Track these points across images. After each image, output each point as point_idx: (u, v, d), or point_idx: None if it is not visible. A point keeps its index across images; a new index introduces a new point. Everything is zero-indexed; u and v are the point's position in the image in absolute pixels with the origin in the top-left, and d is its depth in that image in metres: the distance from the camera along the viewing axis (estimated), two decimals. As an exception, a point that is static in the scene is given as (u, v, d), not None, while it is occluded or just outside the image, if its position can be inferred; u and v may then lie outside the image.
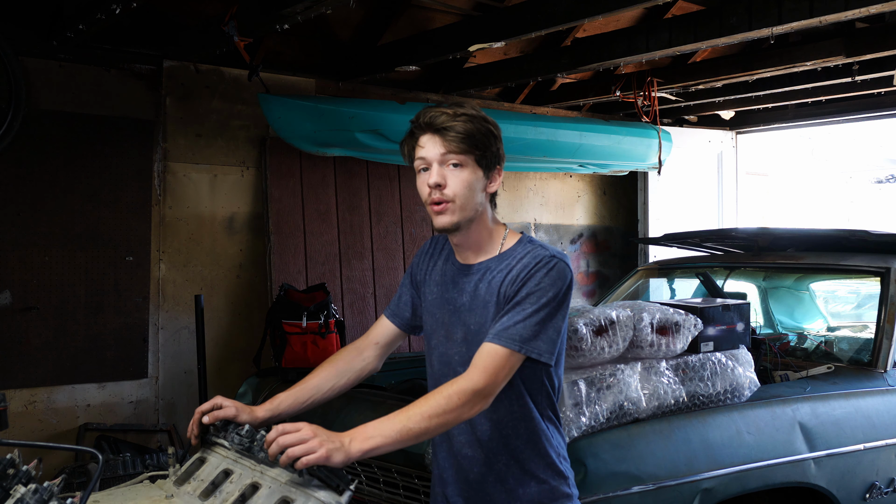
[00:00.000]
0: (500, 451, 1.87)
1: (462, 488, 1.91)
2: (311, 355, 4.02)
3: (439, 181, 1.82)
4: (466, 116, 1.82)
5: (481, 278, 1.90)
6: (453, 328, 1.92)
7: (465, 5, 5.18)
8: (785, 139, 11.72)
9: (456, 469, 1.92)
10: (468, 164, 1.83)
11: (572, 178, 6.98)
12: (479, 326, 1.87)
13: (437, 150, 1.82)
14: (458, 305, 1.92)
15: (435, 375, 1.98)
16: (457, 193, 1.82)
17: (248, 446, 1.72)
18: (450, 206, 1.83)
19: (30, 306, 4.30)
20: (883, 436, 3.01)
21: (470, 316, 1.89)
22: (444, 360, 1.95)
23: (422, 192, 1.87)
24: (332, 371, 2.02)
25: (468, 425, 1.88)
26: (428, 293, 2.01)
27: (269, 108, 4.71)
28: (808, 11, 3.85)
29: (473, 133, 1.82)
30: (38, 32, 4.29)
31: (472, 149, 1.82)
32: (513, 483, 1.87)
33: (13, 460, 1.51)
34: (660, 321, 2.73)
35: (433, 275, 2.02)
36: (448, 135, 1.81)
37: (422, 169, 1.86)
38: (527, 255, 1.85)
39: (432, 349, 1.99)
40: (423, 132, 1.84)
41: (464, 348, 1.90)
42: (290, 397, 1.96)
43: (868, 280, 3.81)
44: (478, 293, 1.89)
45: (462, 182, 1.82)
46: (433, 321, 1.98)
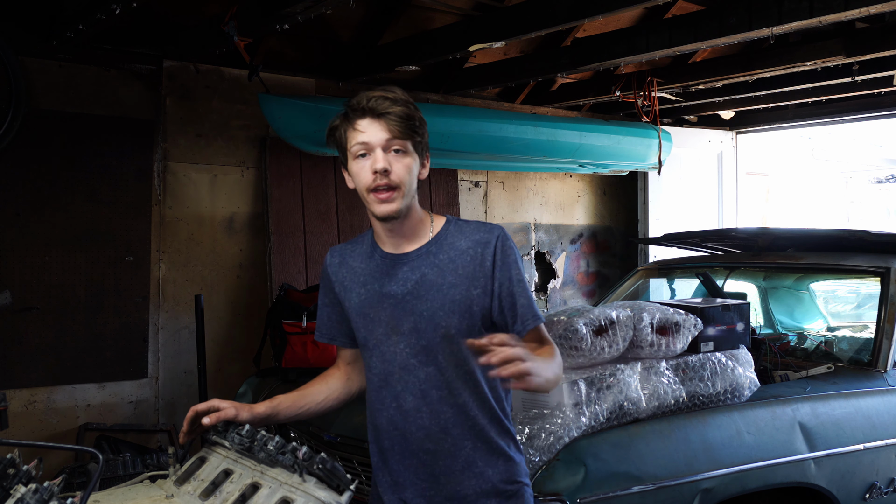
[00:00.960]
0: (466, 435, 1.85)
1: (424, 487, 1.86)
2: (311, 355, 4.02)
3: (386, 166, 1.78)
4: (404, 102, 1.80)
5: (424, 263, 1.87)
6: (398, 321, 1.86)
7: (465, 5, 5.18)
8: (785, 139, 11.71)
9: (415, 469, 1.87)
10: (408, 149, 1.81)
11: (572, 178, 6.98)
12: (432, 311, 1.83)
13: (381, 134, 1.78)
14: (402, 296, 1.86)
15: (378, 377, 1.90)
16: (402, 179, 1.80)
17: (248, 446, 1.72)
18: (394, 194, 1.80)
19: (30, 306, 4.30)
20: (883, 436, 3.01)
21: (419, 303, 1.84)
22: (386, 357, 1.88)
23: (362, 178, 1.81)
24: (324, 386, 2.05)
25: (429, 419, 1.84)
26: (353, 298, 1.93)
27: (269, 108, 4.71)
28: (808, 11, 3.85)
29: (413, 118, 1.80)
30: (38, 32, 4.29)
31: (413, 134, 1.81)
32: (482, 465, 1.85)
33: (13, 460, 1.51)
34: (660, 321, 2.73)
35: (353, 278, 1.95)
36: (391, 119, 1.77)
37: (360, 154, 1.81)
38: (476, 232, 1.88)
39: (371, 351, 1.91)
40: (362, 116, 1.79)
41: (413, 338, 1.84)
42: (289, 400, 1.98)
43: (868, 280, 3.81)
44: (426, 278, 1.85)
45: (405, 167, 1.80)
46: (367, 322, 1.90)
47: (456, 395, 1.84)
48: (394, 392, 1.88)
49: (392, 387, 1.88)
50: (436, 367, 1.84)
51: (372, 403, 1.94)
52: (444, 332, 1.83)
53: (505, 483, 1.87)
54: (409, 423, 1.86)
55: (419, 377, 1.85)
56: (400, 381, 1.87)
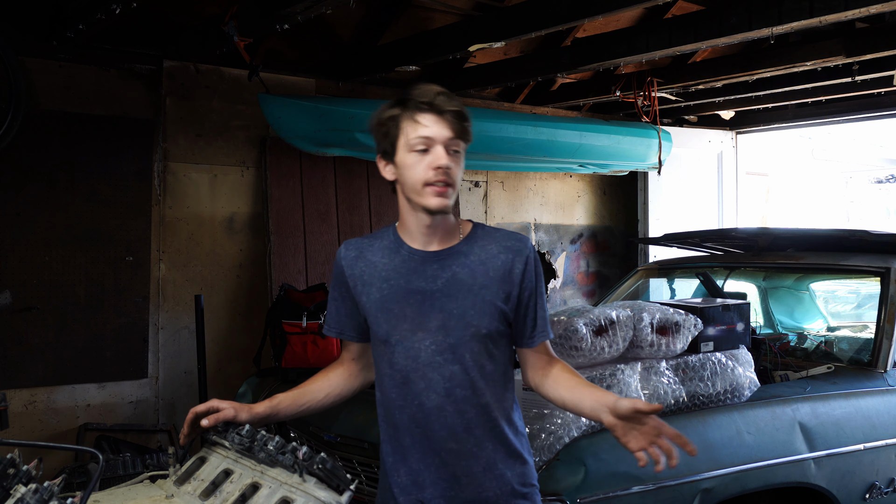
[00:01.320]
0: (488, 436, 1.86)
1: (445, 487, 1.86)
2: (311, 355, 4.02)
3: (450, 164, 1.80)
4: (460, 102, 1.84)
5: (455, 262, 1.88)
6: (425, 318, 1.85)
7: (465, 5, 5.18)
8: (785, 139, 11.71)
9: (437, 469, 1.86)
10: (461, 150, 1.84)
11: (572, 178, 6.98)
12: (463, 310, 1.84)
13: (444, 132, 1.79)
14: (432, 292, 1.86)
15: (400, 373, 1.87)
16: (456, 178, 1.83)
17: (248, 446, 1.72)
18: (449, 190, 1.82)
19: (30, 306, 4.30)
20: (883, 436, 3.01)
21: (448, 301, 1.85)
22: (410, 354, 1.86)
23: (418, 171, 1.80)
24: (325, 382, 2.03)
25: (452, 418, 1.84)
26: (374, 292, 1.91)
27: (269, 108, 4.71)
28: (808, 11, 3.84)
29: (468, 120, 1.84)
30: (38, 33, 4.29)
31: (467, 136, 1.84)
32: (502, 467, 1.86)
33: (13, 460, 1.51)
34: (660, 321, 2.73)
35: (373, 273, 1.92)
36: (453, 120, 1.80)
37: (421, 149, 1.80)
38: (507, 239, 1.91)
39: (393, 347, 1.88)
40: (426, 111, 1.80)
41: (440, 336, 1.84)
42: (289, 398, 1.97)
43: (868, 280, 3.81)
44: (457, 277, 1.86)
45: (459, 168, 1.84)
46: (390, 317, 1.88)
47: (479, 396, 1.85)
48: (417, 389, 1.86)
49: (415, 384, 1.86)
50: (461, 365, 1.84)
51: (391, 401, 1.91)
52: (475, 331, 1.84)
53: (522, 485, 1.89)
54: (431, 421, 1.85)
55: (444, 375, 1.84)
56: (424, 379, 1.85)
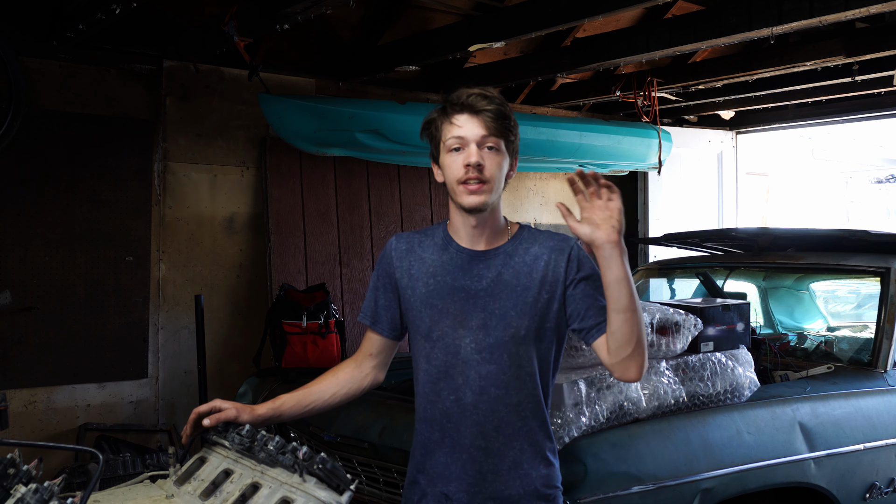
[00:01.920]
0: (517, 436, 1.88)
1: (469, 483, 1.88)
2: (311, 355, 4.02)
3: (480, 161, 1.83)
4: (500, 101, 1.86)
5: (502, 263, 1.91)
6: (467, 315, 1.89)
7: (465, 5, 5.18)
8: (785, 139, 11.72)
9: (463, 464, 1.88)
10: (500, 147, 1.86)
11: (572, 178, 6.97)
12: (505, 310, 1.88)
13: (477, 130, 1.84)
14: (476, 291, 1.90)
15: (438, 369, 1.91)
16: (492, 175, 1.85)
17: (248, 446, 1.72)
18: (483, 188, 1.85)
19: (30, 306, 4.30)
20: (883, 436, 3.01)
21: (492, 301, 1.89)
22: (450, 350, 1.90)
23: (453, 170, 1.86)
24: (333, 381, 2.03)
25: (485, 415, 1.87)
26: (420, 287, 1.95)
27: (269, 108, 4.71)
28: (808, 11, 3.85)
29: (507, 118, 1.86)
30: (38, 32, 4.29)
31: (507, 133, 1.86)
32: (527, 467, 1.89)
33: (13, 460, 1.51)
34: (660, 321, 2.73)
35: (421, 267, 1.96)
36: (487, 117, 1.83)
37: (455, 148, 1.86)
38: (550, 240, 1.95)
39: (434, 341, 1.91)
40: (459, 112, 1.86)
41: (481, 334, 1.88)
42: (293, 399, 1.98)
43: (868, 280, 3.81)
44: (501, 278, 1.90)
45: (497, 165, 1.86)
46: (433, 312, 1.92)
47: (512, 395, 1.87)
48: (453, 385, 1.89)
49: (452, 379, 1.90)
50: (498, 365, 1.87)
51: (426, 395, 1.95)
52: (514, 332, 1.87)
53: (545, 487, 1.91)
54: (465, 417, 1.88)
55: (480, 373, 1.87)
56: (461, 375, 1.89)
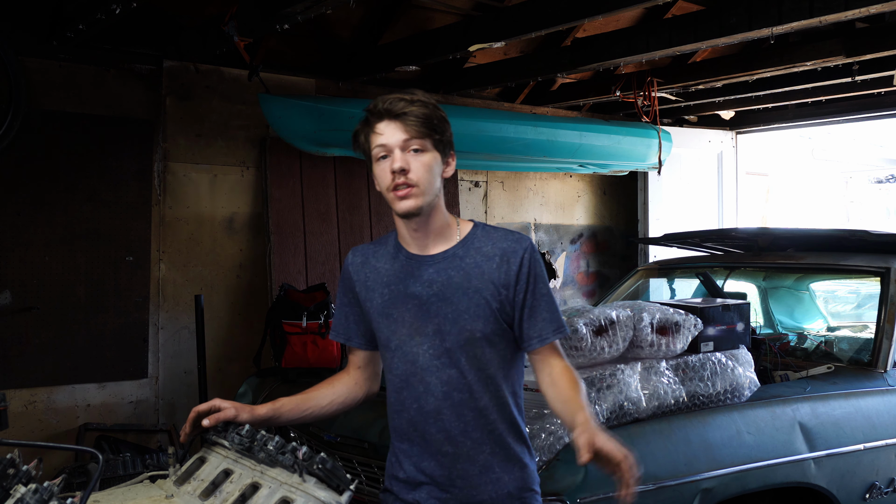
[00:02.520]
0: (485, 440, 1.86)
1: (439, 488, 1.87)
2: (311, 355, 4.02)
3: (403, 166, 1.80)
4: (422, 102, 1.83)
5: (450, 266, 1.87)
6: (422, 322, 1.86)
7: (465, 5, 5.18)
8: (785, 139, 11.71)
9: (432, 470, 1.87)
10: (428, 147, 1.83)
11: (572, 178, 6.98)
12: (457, 314, 1.84)
13: (398, 135, 1.81)
14: (428, 297, 1.86)
15: (400, 378, 1.90)
16: (420, 178, 1.81)
17: (248, 446, 1.72)
18: (413, 191, 1.81)
19: (30, 306, 4.30)
20: (883, 436, 3.01)
21: (444, 305, 1.85)
22: (408, 358, 1.88)
23: (382, 179, 1.84)
24: (329, 390, 2.04)
25: (449, 421, 1.85)
26: (376, 298, 1.93)
27: (269, 108, 4.71)
28: (808, 11, 3.84)
29: (431, 117, 1.82)
30: (38, 32, 4.29)
31: (432, 132, 1.82)
32: (499, 471, 1.86)
33: (13, 460, 1.51)
34: (660, 321, 2.73)
35: (376, 278, 1.94)
36: (408, 119, 1.80)
37: (381, 157, 1.83)
38: (504, 240, 1.88)
39: (393, 352, 1.91)
40: (380, 119, 1.83)
41: (437, 340, 1.85)
42: (292, 403, 1.97)
43: (868, 280, 3.81)
44: (451, 281, 1.86)
45: (424, 166, 1.82)
46: (390, 322, 1.91)
47: (476, 399, 1.85)
48: (415, 393, 1.88)
49: (414, 388, 1.88)
50: (458, 369, 1.84)
51: (392, 405, 1.94)
52: (469, 335, 1.83)
53: (519, 490, 1.88)
54: (429, 424, 1.87)
55: (441, 379, 1.85)
56: (422, 383, 1.87)
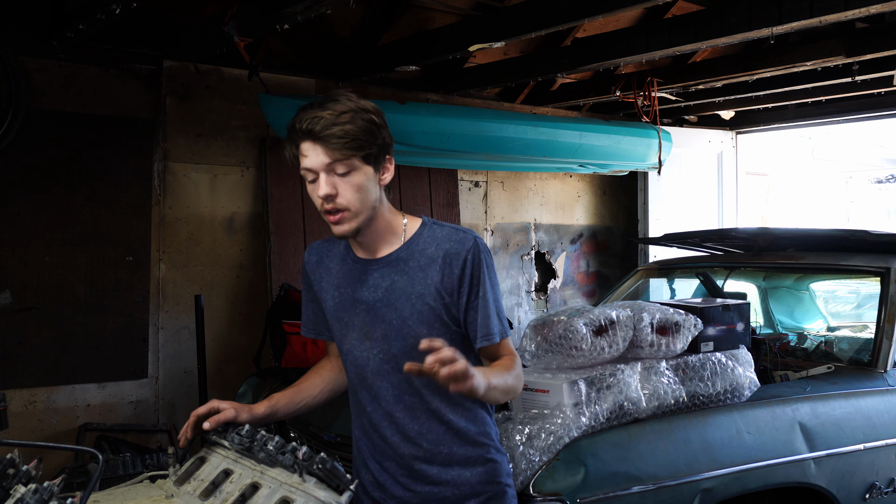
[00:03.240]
0: (442, 440, 1.85)
1: (402, 488, 1.87)
2: (311, 355, 4.03)
3: (330, 191, 1.72)
4: (345, 115, 1.70)
5: (394, 271, 1.84)
6: (370, 327, 1.85)
7: (465, 5, 5.18)
8: (785, 139, 11.71)
9: (393, 472, 1.87)
10: (355, 166, 1.73)
11: (572, 178, 6.98)
12: (402, 320, 1.81)
13: (321, 159, 1.71)
14: (374, 302, 1.84)
15: (353, 381, 1.92)
16: (350, 201, 1.74)
17: (248, 446, 1.72)
18: (345, 215, 1.75)
19: (30, 306, 4.30)
20: (883, 436, 3.01)
21: (389, 311, 1.82)
22: (358, 363, 1.88)
23: (314, 200, 1.77)
24: (318, 379, 2.07)
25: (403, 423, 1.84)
26: (328, 299, 1.92)
27: (269, 108, 4.71)
28: (808, 11, 3.84)
29: (356, 134, 1.70)
30: (38, 32, 4.29)
31: (358, 150, 1.72)
32: (459, 469, 1.85)
33: (13, 460, 1.51)
34: (660, 321, 2.73)
35: (328, 279, 1.93)
36: (330, 142, 1.69)
37: (310, 180, 1.75)
38: (447, 242, 1.81)
39: (345, 355, 1.92)
40: (302, 139, 1.72)
41: (385, 345, 1.83)
42: (286, 397, 2.00)
43: (868, 280, 3.81)
44: (395, 286, 1.82)
45: (353, 187, 1.73)
46: (341, 326, 1.90)
47: (428, 402, 1.84)
48: (369, 396, 1.89)
49: (367, 391, 1.89)
50: (405, 374, 1.77)
51: (352, 405, 1.97)
52: (414, 341, 1.77)
53: (484, 484, 1.87)
54: (384, 427, 1.87)
55: (392, 382, 1.85)
56: (373, 386, 1.87)
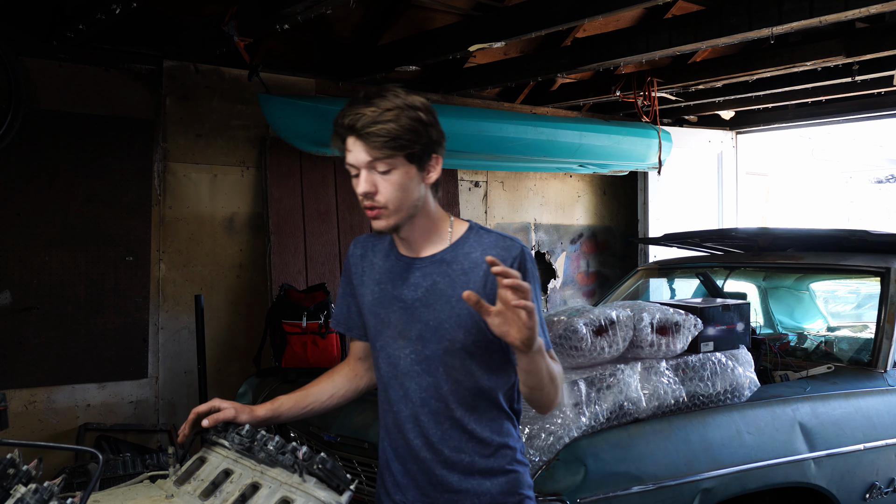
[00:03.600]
0: (464, 448, 1.82)
1: (421, 493, 1.84)
2: (310, 355, 4.03)
3: (369, 189, 1.71)
4: (390, 112, 1.67)
5: (437, 271, 1.80)
6: (406, 326, 1.82)
7: (465, 5, 5.18)
8: (785, 139, 11.71)
9: (414, 474, 1.85)
10: (398, 165, 1.70)
11: (572, 178, 6.98)
12: (439, 322, 1.78)
13: (362, 156, 1.69)
14: (412, 301, 1.81)
15: (383, 379, 1.88)
16: (388, 199, 1.72)
17: (248, 446, 1.72)
18: (383, 212, 1.73)
19: (30, 306, 4.30)
20: (883, 436, 3.01)
21: (426, 311, 1.79)
22: (391, 360, 1.85)
23: (357, 195, 1.76)
24: (329, 384, 2.02)
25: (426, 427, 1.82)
26: (367, 294, 1.90)
27: (269, 108, 4.71)
28: (808, 11, 3.84)
29: (399, 133, 1.67)
30: (38, 32, 4.29)
31: (400, 150, 1.69)
32: (479, 478, 1.82)
33: (13, 460, 1.51)
34: (660, 321, 2.73)
35: (371, 274, 1.91)
36: (372, 140, 1.67)
37: (352, 175, 1.74)
38: (493, 248, 1.78)
39: (378, 351, 1.88)
40: (347, 133, 1.71)
41: (419, 345, 1.80)
42: (291, 401, 1.96)
43: (868, 280, 3.81)
44: (435, 287, 1.79)
45: (393, 186, 1.71)
46: (377, 322, 1.87)
47: (452, 409, 1.81)
48: (396, 396, 1.86)
49: (395, 391, 1.86)
50: (435, 378, 1.80)
51: (380, 404, 1.93)
52: (448, 345, 1.77)
53: (504, 495, 1.83)
54: (407, 429, 1.84)
55: (421, 385, 1.82)
56: (402, 387, 1.84)
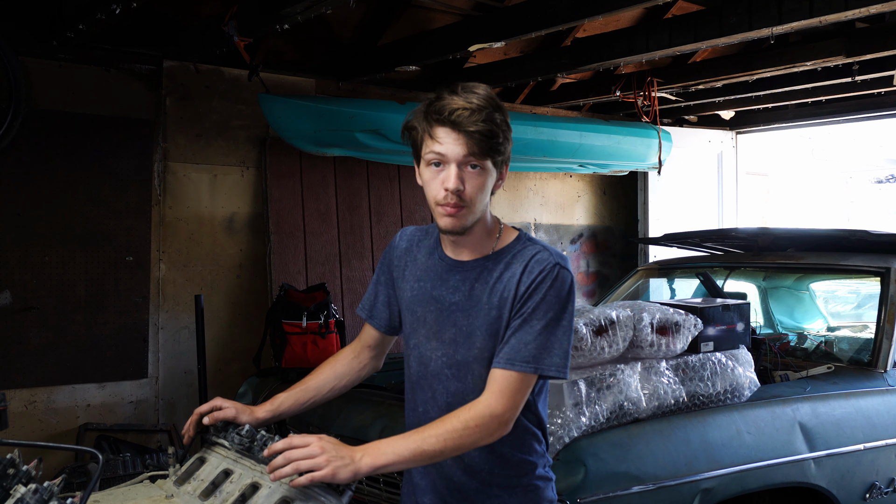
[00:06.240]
0: (485, 459, 1.79)
1: (439, 498, 1.84)
2: (311, 355, 4.03)
3: (459, 186, 1.69)
4: (486, 112, 1.67)
5: (477, 277, 1.79)
6: (441, 327, 1.80)
7: (465, 5, 5.18)
8: (785, 139, 11.71)
9: (433, 478, 1.84)
10: (486, 166, 1.71)
11: (572, 178, 6.98)
12: (472, 328, 1.77)
13: (458, 150, 1.68)
14: (449, 304, 1.80)
15: (412, 378, 1.88)
16: (473, 197, 1.71)
17: (248, 446, 1.72)
18: (463, 211, 1.71)
19: (30, 306, 4.30)
20: (883, 436, 3.01)
21: (462, 316, 1.78)
22: (422, 360, 1.84)
23: (432, 188, 1.72)
24: (331, 373, 2.00)
25: None
26: (407, 289, 1.88)
27: (269, 108, 4.71)
28: (808, 11, 3.84)
29: (496, 134, 1.69)
30: (38, 32, 4.29)
31: (492, 152, 1.70)
32: (498, 490, 1.80)
33: (13, 460, 1.51)
34: (660, 321, 2.73)
35: (412, 270, 1.89)
36: (473, 136, 1.67)
37: (434, 163, 1.71)
38: (530, 260, 1.75)
39: (410, 349, 1.87)
40: (441, 125, 1.68)
41: (451, 349, 1.79)
42: (291, 398, 1.94)
43: (868, 280, 3.81)
44: (473, 293, 1.78)
45: (479, 186, 1.71)
46: (413, 319, 1.86)
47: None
48: (423, 397, 1.85)
49: (422, 391, 1.85)
50: (463, 384, 1.78)
51: (407, 402, 1.92)
52: (479, 353, 1.76)
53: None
54: None
55: (448, 389, 1.80)
56: (430, 388, 1.83)
